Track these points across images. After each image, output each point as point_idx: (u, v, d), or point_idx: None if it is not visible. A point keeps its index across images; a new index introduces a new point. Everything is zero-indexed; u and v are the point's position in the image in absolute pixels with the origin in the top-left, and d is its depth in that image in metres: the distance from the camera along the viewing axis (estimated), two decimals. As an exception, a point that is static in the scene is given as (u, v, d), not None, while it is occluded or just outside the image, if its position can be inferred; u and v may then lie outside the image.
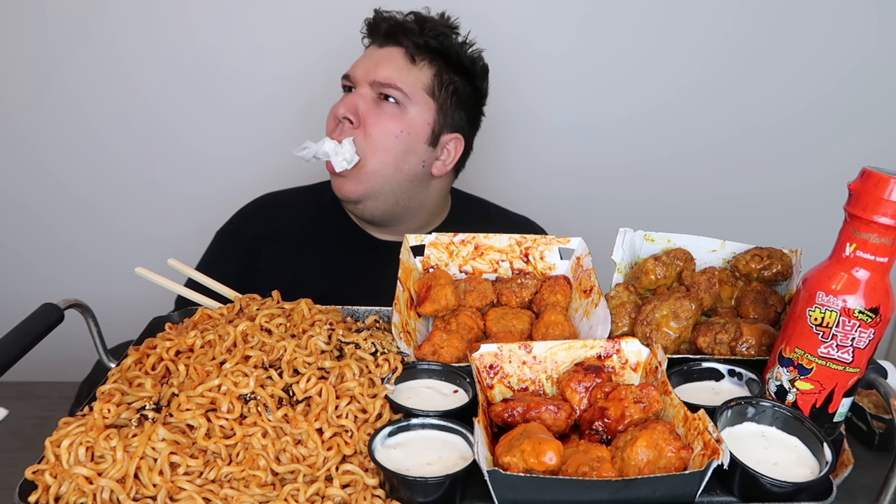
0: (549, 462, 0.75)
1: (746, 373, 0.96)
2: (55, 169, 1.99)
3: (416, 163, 1.43)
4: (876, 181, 0.79)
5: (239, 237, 1.54)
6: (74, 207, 2.03)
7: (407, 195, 1.46)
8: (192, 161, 2.01)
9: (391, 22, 1.43)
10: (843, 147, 2.10)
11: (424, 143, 1.43)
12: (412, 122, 1.41)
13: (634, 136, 2.09)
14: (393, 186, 1.43)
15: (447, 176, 1.52)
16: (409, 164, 1.42)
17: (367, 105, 1.39)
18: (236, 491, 0.77)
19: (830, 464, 0.79)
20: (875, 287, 0.82)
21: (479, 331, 1.08)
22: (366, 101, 1.40)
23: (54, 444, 0.79)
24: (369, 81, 1.39)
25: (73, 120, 1.94)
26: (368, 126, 1.38)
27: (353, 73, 1.43)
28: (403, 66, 1.40)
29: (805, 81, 2.04)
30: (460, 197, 1.66)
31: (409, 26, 1.41)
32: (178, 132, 1.98)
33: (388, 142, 1.39)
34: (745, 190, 2.14)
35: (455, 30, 1.46)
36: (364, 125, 1.39)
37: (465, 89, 1.46)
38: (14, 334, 0.90)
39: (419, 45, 1.41)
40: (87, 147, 1.97)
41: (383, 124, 1.39)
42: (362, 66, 1.42)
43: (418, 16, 1.44)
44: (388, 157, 1.40)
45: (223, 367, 0.89)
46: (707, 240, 1.19)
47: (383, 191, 1.43)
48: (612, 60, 2.00)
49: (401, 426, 0.85)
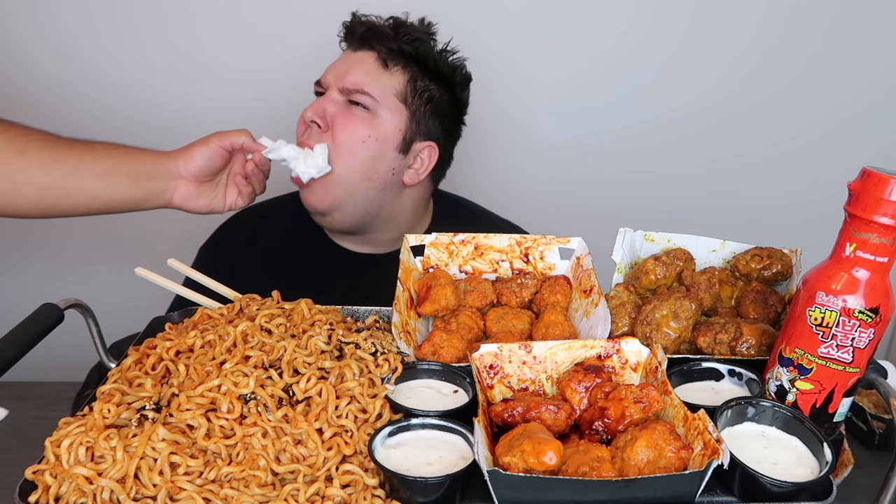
0: (549, 462, 0.75)
1: (746, 373, 0.96)
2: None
3: (386, 170, 1.39)
4: (876, 181, 0.79)
5: (219, 255, 1.52)
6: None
7: (377, 204, 1.41)
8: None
9: (366, 26, 1.39)
10: (842, 142, 2.10)
11: (395, 150, 1.39)
12: (382, 127, 1.36)
13: (636, 147, 2.09)
14: (361, 195, 1.39)
15: (422, 185, 1.47)
16: (378, 171, 1.38)
17: (336, 108, 1.36)
18: (236, 491, 0.77)
19: (830, 464, 0.79)
20: (875, 287, 0.82)
21: (479, 331, 1.08)
22: (335, 104, 1.36)
23: (54, 444, 0.79)
24: (339, 86, 1.36)
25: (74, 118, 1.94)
26: (336, 130, 1.34)
27: (324, 78, 1.40)
28: (374, 71, 1.37)
29: (801, 79, 2.05)
30: (444, 200, 1.62)
31: (383, 30, 1.38)
32: (179, 132, 1.97)
33: (354, 146, 1.35)
34: (745, 201, 2.14)
35: (433, 35, 1.42)
36: (332, 129, 1.35)
37: (441, 97, 1.42)
38: (14, 334, 0.90)
39: (392, 49, 1.37)
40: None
41: (350, 128, 1.34)
42: (334, 70, 1.39)
43: (396, 20, 1.41)
44: (353, 163, 1.35)
45: (223, 367, 0.89)
46: (707, 240, 1.19)
47: (350, 200, 1.38)
48: (611, 71, 2.00)
49: (401, 426, 0.85)
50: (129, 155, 1.19)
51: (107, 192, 1.16)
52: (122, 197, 1.18)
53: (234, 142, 1.25)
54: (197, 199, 1.25)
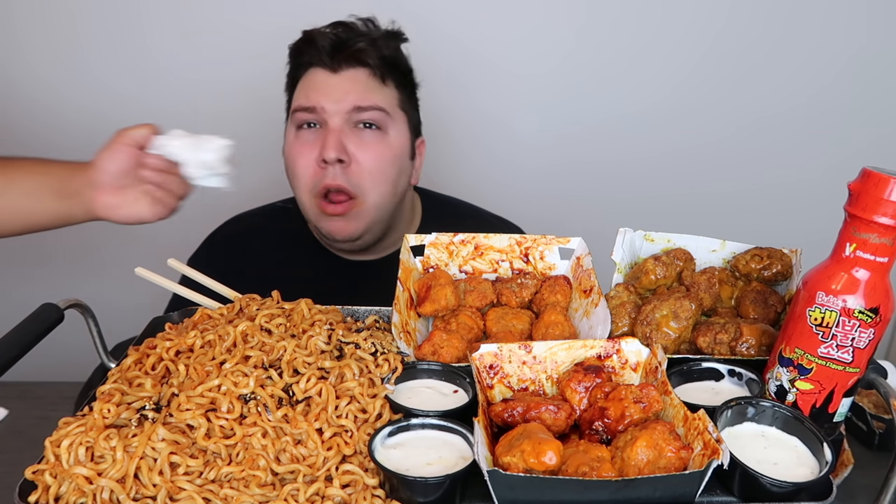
0: (549, 462, 0.75)
1: (746, 373, 0.96)
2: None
3: (406, 181, 1.38)
4: (876, 181, 0.79)
5: (210, 268, 1.51)
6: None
7: (394, 216, 1.41)
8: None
9: (348, 44, 1.30)
10: (842, 141, 2.10)
11: (408, 159, 1.38)
12: (397, 141, 1.34)
13: (629, 135, 2.09)
14: (389, 213, 1.37)
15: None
16: (401, 184, 1.37)
17: (352, 137, 1.30)
18: (236, 491, 0.77)
19: (830, 464, 0.79)
20: (875, 287, 0.82)
21: (479, 331, 1.08)
22: (346, 134, 1.30)
23: (54, 444, 0.79)
24: (347, 110, 1.29)
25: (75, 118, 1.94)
26: (360, 160, 1.29)
27: (320, 105, 1.29)
28: (375, 87, 1.32)
29: (801, 76, 2.04)
30: (432, 200, 1.60)
31: (366, 45, 1.31)
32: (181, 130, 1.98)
33: (386, 171, 1.32)
34: (741, 186, 2.14)
35: (405, 38, 1.39)
36: (354, 160, 1.29)
37: (416, 89, 1.42)
38: (14, 334, 0.90)
39: (385, 60, 1.32)
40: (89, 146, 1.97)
41: (377, 153, 1.30)
42: (328, 95, 1.29)
43: (366, 29, 1.33)
44: (386, 186, 1.33)
45: (223, 367, 0.89)
46: (707, 240, 1.19)
47: (380, 220, 1.36)
48: (607, 60, 2.00)
49: (401, 426, 0.85)
50: (54, 170, 1.13)
51: (35, 210, 1.11)
52: (49, 214, 1.12)
53: (135, 137, 1.09)
54: (118, 208, 1.11)
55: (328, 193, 1.32)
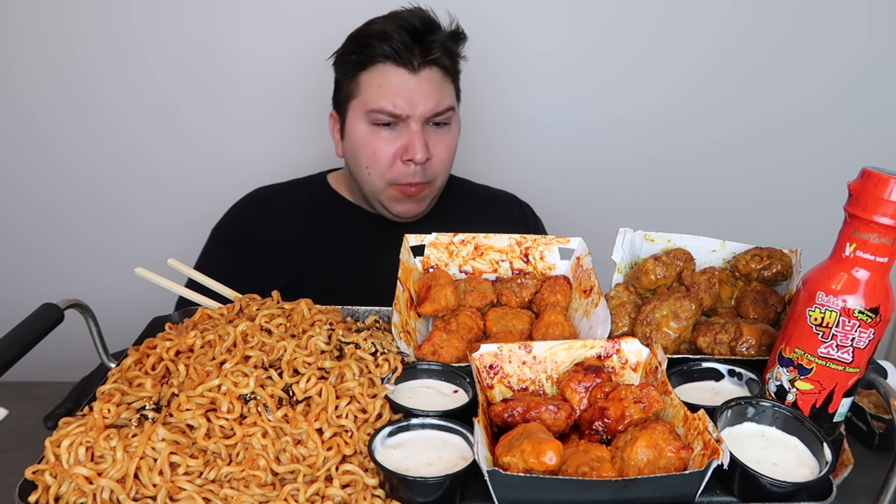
0: (549, 462, 0.75)
1: (746, 373, 0.96)
2: (57, 169, 1.99)
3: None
4: (876, 181, 0.79)
5: (234, 233, 1.53)
6: (74, 208, 2.03)
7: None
8: (192, 159, 2.01)
9: (424, 40, 1.35)
10: (841, 142, 2.10)
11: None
12: (456, 130, 1.47)
13: (632, 134, 2.09)
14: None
15: None
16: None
17: (431, 136, 1.41)
18: (236, 491, 0.77)
19: (830, 464, 0.79)
20: (875, 287, 0.82)
21: (479, 331, 1.08)
22: (427, 134, 1.40)
23: (54, 444, 0.79)
24: (427, 114, 1.37)
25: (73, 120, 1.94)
26: (435, 154, 1.41)
27: (401, 109, 1.35)
28: (446, 86, 1.42)
29: (801, 77, 2.04)
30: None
31: (440, 47, 1.37)
32: (181, 128, 1.98)
33: (450, 159, 1.46)
34: (741, 186, 2.14)
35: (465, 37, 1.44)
36: (432, 156, 1.41)
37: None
38: (14, 334, 0.90)
39: (454, 61, 1.42)
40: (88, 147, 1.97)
41: (445, 146, 1.43)
42: (411, 100, 1.35)
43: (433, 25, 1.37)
44: (449, 169, 1.49)
45: (223, 367, 0.89)
46: (707, 240, 1.19)
47: (438, 196, 1.51)
48: (607, 60, 2.00)
49: (401, 426, 0.85)
50: None
51: None
52: None
53: None
54: None
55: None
